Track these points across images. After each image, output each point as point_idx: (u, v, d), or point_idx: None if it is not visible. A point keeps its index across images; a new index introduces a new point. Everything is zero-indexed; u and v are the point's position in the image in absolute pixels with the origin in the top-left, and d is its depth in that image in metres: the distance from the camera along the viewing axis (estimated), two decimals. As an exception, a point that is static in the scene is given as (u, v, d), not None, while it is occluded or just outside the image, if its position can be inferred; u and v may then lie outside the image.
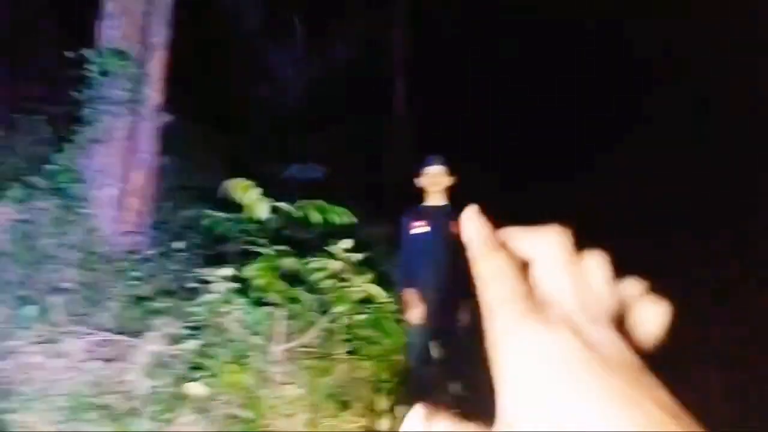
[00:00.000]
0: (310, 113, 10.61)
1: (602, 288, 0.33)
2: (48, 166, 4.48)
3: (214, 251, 4.32)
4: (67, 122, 4.91)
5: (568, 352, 0.28)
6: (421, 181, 3.52)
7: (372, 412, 2.82)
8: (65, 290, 3.62)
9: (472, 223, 0.37)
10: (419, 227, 3.43)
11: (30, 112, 5.53)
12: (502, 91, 10.43)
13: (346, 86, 11.53)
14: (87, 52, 4.66)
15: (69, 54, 4.61)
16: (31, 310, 3.21)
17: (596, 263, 0.35)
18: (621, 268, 0.35)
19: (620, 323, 0.32)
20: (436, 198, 3.50)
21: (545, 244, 0.34)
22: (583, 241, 0.35)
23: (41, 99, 5.76)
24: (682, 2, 8.44)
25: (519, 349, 0.28)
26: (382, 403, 2.98)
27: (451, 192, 3.55)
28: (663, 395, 0.27)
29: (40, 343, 3.10)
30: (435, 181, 3.46)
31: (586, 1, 9.54)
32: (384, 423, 2.97)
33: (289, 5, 10.45)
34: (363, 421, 2.75)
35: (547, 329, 0.29)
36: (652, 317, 0.33)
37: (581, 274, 0.33)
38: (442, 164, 3.49)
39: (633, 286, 0.35)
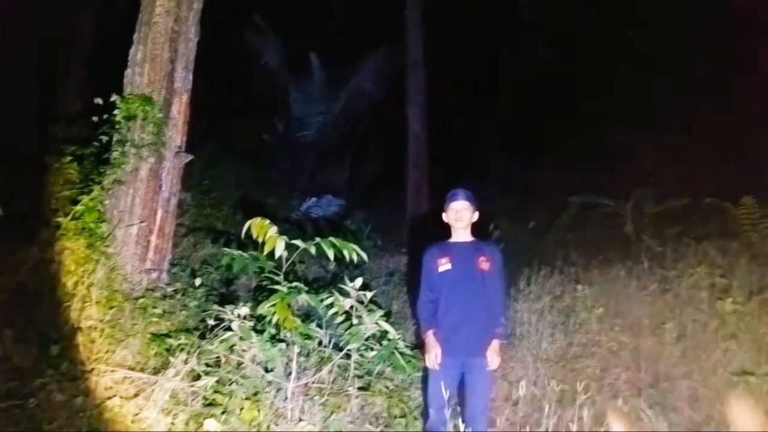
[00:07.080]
0: (329, 147, 10.84)
1: None
2: (76, 207, 4.68)
3: (232, 288, 4.44)
4: (95, 164, 5.13)
5: None
6: (446, 216, 3.39)
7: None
8: (89, 328, 3.76)
9: None
10: (443, 265, 3.29)
11: (60, 154, 5.76)
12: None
13: (364, 120, 11.79)
14: (114, 98, 4.89)
15: (97, 100, 4.85)
16: (55, 349, 3.35)
17: None
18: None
19: None
20: (461, 234, 3.37)
21: None
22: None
23: (71, 141, 6.02)
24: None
25: None
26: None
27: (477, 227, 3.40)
28: None
29: (64, 381, 3.23)
30: (459, 217, 3.33)
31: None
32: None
33: (307, 44, 10.80)
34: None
35: None
36: None
37: None
38: (467, 199, 3.35)
39: None
